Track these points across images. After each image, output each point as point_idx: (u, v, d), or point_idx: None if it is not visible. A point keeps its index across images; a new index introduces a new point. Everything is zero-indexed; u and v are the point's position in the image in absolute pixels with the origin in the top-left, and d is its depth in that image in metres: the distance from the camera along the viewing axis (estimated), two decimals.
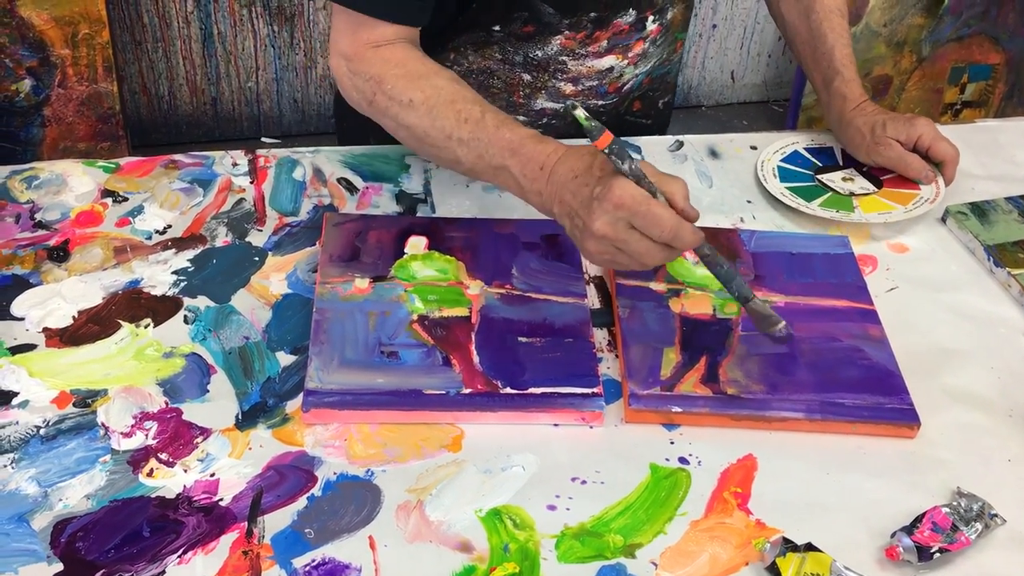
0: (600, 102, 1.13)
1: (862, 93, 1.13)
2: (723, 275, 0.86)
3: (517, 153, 0.87)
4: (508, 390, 0.85)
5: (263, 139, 2.52)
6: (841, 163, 1.15)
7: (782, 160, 1.14)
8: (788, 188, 1.10)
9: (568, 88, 1.09)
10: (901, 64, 2.56)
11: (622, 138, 1.15)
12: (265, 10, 2.39)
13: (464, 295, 0.93)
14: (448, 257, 0.96)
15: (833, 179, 1.12)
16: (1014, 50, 2.63)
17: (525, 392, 0.85)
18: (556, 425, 0.84)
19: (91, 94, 2.15)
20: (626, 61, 1.10)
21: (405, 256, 0.96)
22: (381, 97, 0.94)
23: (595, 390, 0.85)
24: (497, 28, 1.05)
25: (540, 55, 1.06)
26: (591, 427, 0.84)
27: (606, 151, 0.80)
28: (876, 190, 1.10)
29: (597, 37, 1.06)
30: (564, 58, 1.07)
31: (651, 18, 1.08)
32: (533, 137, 0.88)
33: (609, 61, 1.08)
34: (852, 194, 1.09)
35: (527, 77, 1.08)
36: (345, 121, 1.23)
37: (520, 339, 0.89)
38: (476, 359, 0.87)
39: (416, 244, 0.97)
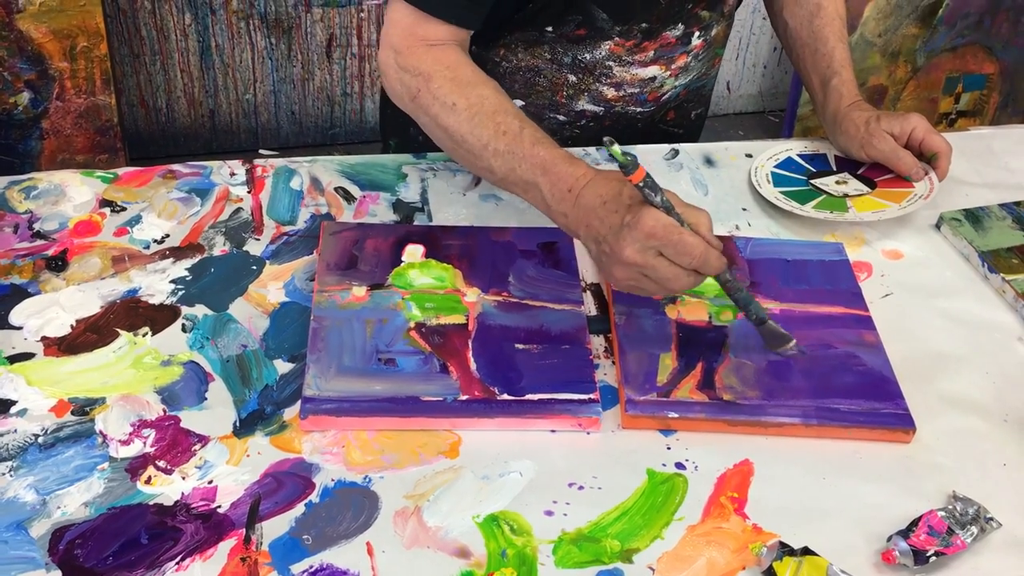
0: (639, 109, 1.15)
1: (858, 93, 1.15)
2: (741, 300, 0.88)
3: (548, 172, 0.89)
4: (505, 397, 0.85)
5: (261, 151, 2.53)
6: (834, 168, 1.15)
7: (776, 166, 1.15)
8: (782, 192, 1.10)
9: (610, 93, 1.12)
10: (896, 74, 2.58)
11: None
12: (262, 23, 2.40)
13: (461, 302, 0.93)
14: (445, 265, 0.97)
15: (827, 183, 1.13)
16: (1008, 60, 2.65)
17: (522, 399, 0.85)
18: (553, 431, 0.85)
19: (89, 107, 2.15)
20: (669, 73, 1.13)
21: (402, 264, 0.96)
22: (426, 95, 0.96)
23: (592, 396, 0.85)
24: (550, 29, 1.07)
25: (588, 58, 1.08)
26: (588, 433, 0.85)
27: (640, 184, 0.81)
28: (870, 191, 1.11)
29: (645, 47, 1.09)
30: (611, 63, 1.09)
31: (697, 34, 1.11)
32: (565, 159, 0.90)
33: (653, 71, 1.11)
34: (846, 195, 1.10)
35: (572, 78, 1.10)
36: (389, 107, 1.24)
37: (517, 346, 0.89)
38: (473, 366, 0.87)
39: (413, 252, 0.98)
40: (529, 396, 0.85)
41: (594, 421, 0.85)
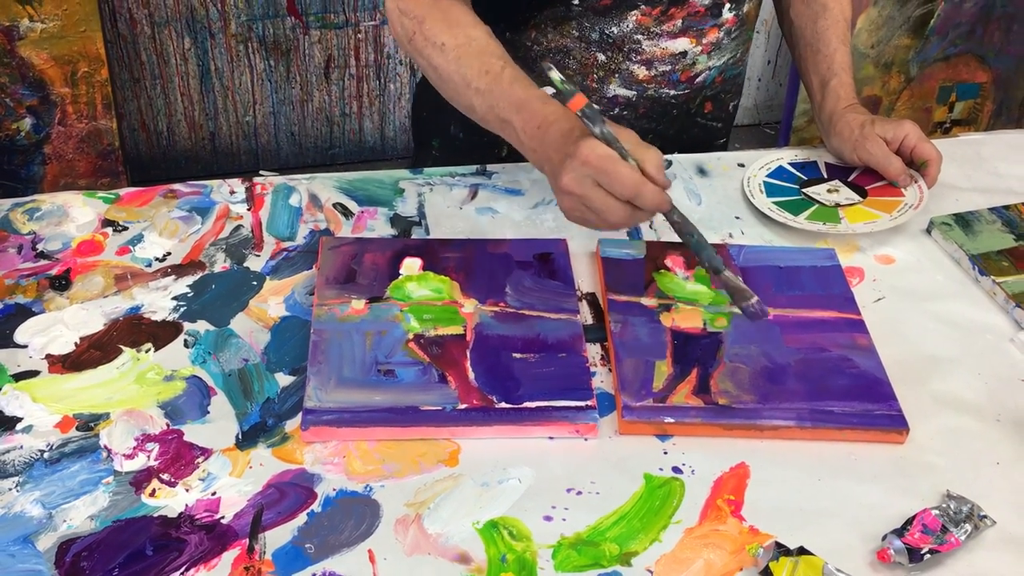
0: (672, 91, 1.16)
1: (855, 96, 1.16)
2: (694, 244, 0.90)
3: (522, 110, 0.94)
4: (503, 405, 0.86)
5: (261, 172, 2.55)
6: (825, 175, 1.17)
7: (768, 176, 1.17)
8: (775, 203, 1.12)
9: (641, 72, 1.12)
10: (890, 84, 2.60)
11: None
12: (261, 45, 2.42)
13: (459, 314, 0.95)
14: (442, 277, 0.98)
15: (818, 191, 1.14)
16: (1001, 68, 2.67)
17: (520, 407, 0.86)
18: (551, 438, 0.86)
19: (91, 131, 2.18)
20: (700, 48, 1.13)
21: (400, 277, 0.98)
22: (419, 37, 1.01)
23: (589, 403, 0.87)
24: (576, 2, 1.08)
25: (616, 32, 1.09)
26: (585, 439, 0.86)
27: (579, 114, 0.85)
28: (861, 200, 1.12)
29: (672, 15, 1.09)
30: (639, 36, 1.10)
31: (728, 6, 1.12)
32: (540, 98, 0.94)
33: (682, 44, 1.12)
34: (838, 205, 1.11)
35: (601, 57, 1.11)
36: (425, 110, 1.28)
37: (514, 355, 0.91)
38: (471, 375, 0.89)
39: (411, 265, 0.99)
40: (527, 404, 0.86)
41: (591, 427, 0.86)
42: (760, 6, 1.20)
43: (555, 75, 0.85)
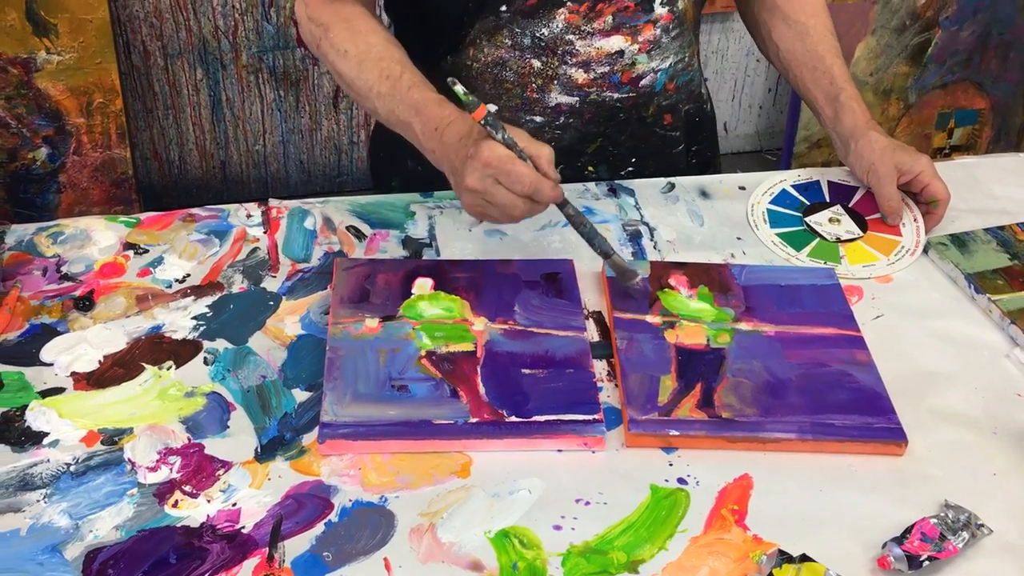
0: (615, 94, 1.17)
1: (867, 110, 1.18)
2: (586, 233, 1.00)
3: (420, 113, 1.01)
4: (513, 419, 0.89)
5: (271, 200, 2.59)
6: (828, 198, 1.20)
7: (771, 202, 1.20)
8: (778, 235, 1.14)
9: (580, 76, 1.14)
10: (889, 111, 2.64)
11: (615, 182, 1.21)
12: (271, 76, 2.47)
13: (469, 331, 0.98)
14: (453, 296, 1.01)
15: (820, 221, 1.17)
16: (999, 95, 2.71)
17: (529, 420, 0.89)
18: (560, 451, 0.88)
19: (105, 160, 2.22)
20: (637, 46, 1.14)
21: (412, 296, 1.01)
22: (325, 43, 1.08)
23: (596, 416, 0.89)
24: (504, 8, 1.10)
25: (547, 33, 1.11)
26: (593, 452, 0.88)
27: (481, 122, 0.92)
28: (861, 234, 1.15)
29: (601, 11, 1.10)
30: (571, 36, 1.11)
31: (658, 1, 1.12)
32: (436, 101, 1.01)
33: (617, 42, 1.13)
34: (839, 239, 1.14)
35: (537, 64, 1.13)
36: (382, 151, 1.32)
37: (523, 371, 0.94)
38: (482, 390, 0.91)
39: (423, 285, 1.02)
40: (536, 418, 0.89)
41: (598, 440, 0.88)
42: (699, 7, 1.20)
43: (458, 88, 0.93)
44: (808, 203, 1.20)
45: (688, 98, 1.25)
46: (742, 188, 1.22)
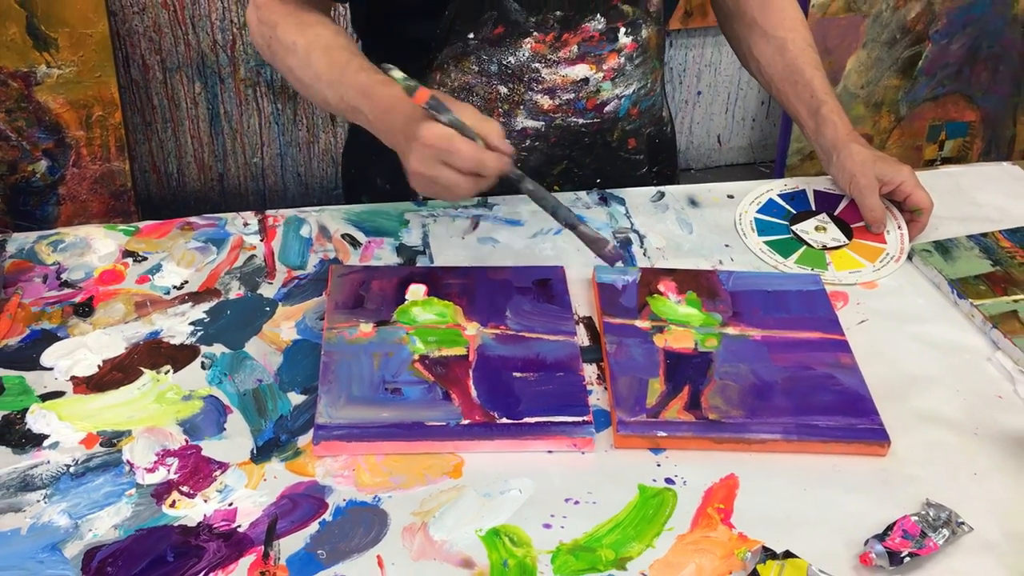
0: (581, 121, 1.19)
1: (849, 121, 1.20)
2: (549, 206, 1.00)
3: (369, 96, 1.01)
4: (504, 420, 0.91)
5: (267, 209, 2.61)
6: (814, 206, 1.22)
7: (758, 211, 1.22)
8: (766, 243, 1.17)
9: (546, 102, 1.16)
10: (880, 124, 2.67)
11: (600, 191, 1.24)
12: (269, 89, 2.50)
13: (462, 336, 1.00)
14: (446, 302, 1.03)
15: (807, 229, 1.19)
16: (989, 107, 2.74)
17: (520, 422, 0.91)
18: (550, 452, 0.90)
19: (104, 173, 2.25)
20: (601, 74, 1.16)
21: (406, 302, 1.03)
22: (275, 41, 1.09)
23: (585, 418, 0.91)
24: (472, 36, 1.13)
25: (513, 61, 1.13)
26: (582, 453, 0.90)
27: (424, 107, 0.93)
28: (847, 242, 1.17)
29: (566, 40, 1.13)
30: (536, 65, 1.14)
31: (623, 30, 1.15)
32: (383, 82, 1.01)
33: (582, 71, 1.15)
34: (824, 247, 1.16)
35: (503, 90, 1.15)
36: (353, 167, 1.34)
37: (515, 374, 0.95)
38: (474, 393, 0.93)
39: (416, 291, 1.04)
40: (527, 419, 0.91)
41: (588, 441, 0.90)
42: (662, 34, 1.21)
43: (396, 74, 0.95)
44: (795, 212, 1.22)
45: (650, 122, 1.28)
46: (730, 196, 1.24)
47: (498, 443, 0.90)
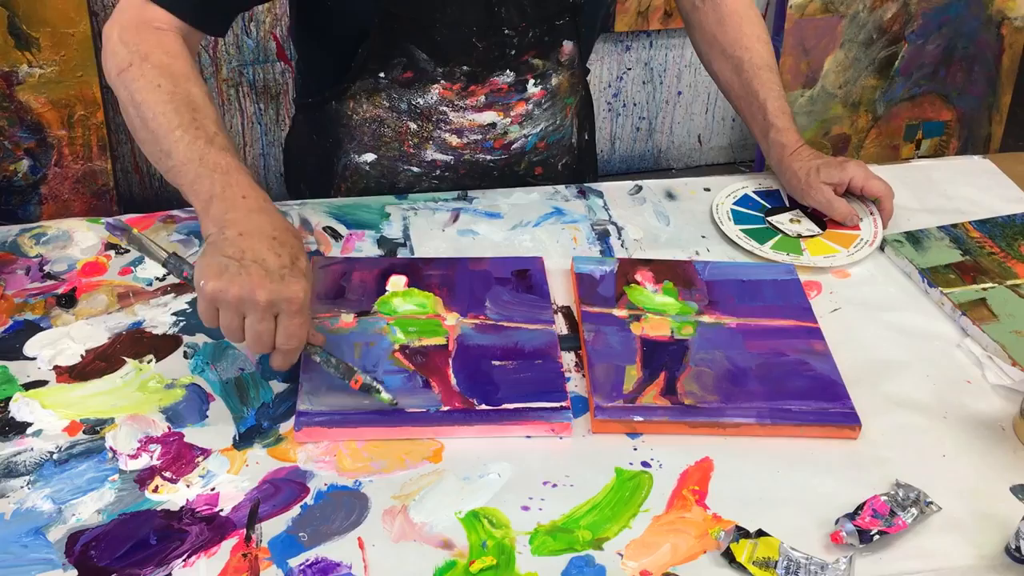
0: (488, 157, 1.22)
1: (798, 140, 1.21)
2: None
3: (230, 174, 0.92)
4: (483, 407, 0.92)
5: None
6: (788, 204, 1.24)
7: (734, 204, 1.24)
8: (742, 231, 1.19)
9: (454, 140, 1.18)
10: (858, 123, 2.70)
11: (585, 184, 1.25)
12: (251, 89, 2.51)
13: (442, 326, 1.01)
14: (426, 293, 1.05)
15: (782, 221, 1.21)
16: (964, 107, 2.78)
17: (499, 408, 0.92)
18: (529, 437, 0.92)
19: (86, 172, 2.25)
20: (509, 119, 1.18)
21: (387, 293, 1.04)
22: (135, 71, 0.97)
23: (563, 404, 0.93)
24: (382, 75, 1.15)
25: (422, 103, 1.15)
26: (561, 438, 0.92)
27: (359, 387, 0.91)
28: (821, 232, 1.19)
29: (473, 91, 1.15)
30: (444, 108, 1.16)
31: (532, 81, 1.17)
32: (247, 172, 0.94)
33: (490, 117, 1.18)
34: (800, 236, 1.18)
35: (413, 126, 1.17)
36: (295, 158, 1.36)
37: (494, 362, 0.97)
38: (453, 381, 0.95)
39: (397, 282, 1.06)
40: (505, 405, 0.92)
41: (566, 426, 0.92)
42: (577, 75, 1.22)
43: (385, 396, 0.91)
44: (769, 207, 1.24)
45: (560, 152, 1.28)
46: (707, 190, 1.26)
47: (477, 429, 0.91)
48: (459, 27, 1.10)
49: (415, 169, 1.22)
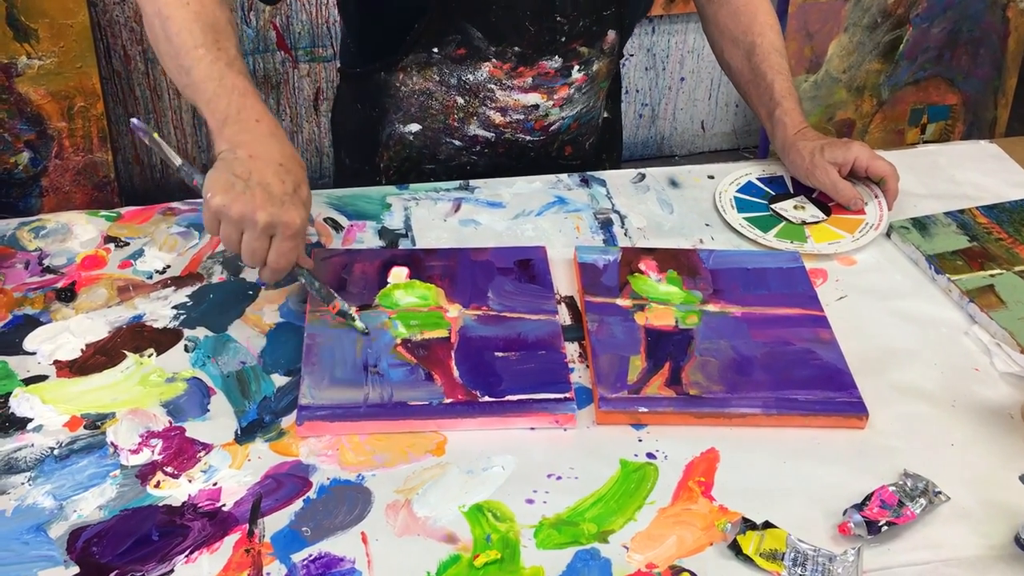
0: (528, 138, 1.24)
1: (802, 120, 1.22)
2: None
3: (247, 96, 0.96)
4: (487, 399, 0.92)
5: None
6: (792, 190, 1.23)
7: (738, 191, 1.23)
8: (746, 219, 1.18)
9: (498, 118, 1.21)
10: (862, 108, 2.68)
11: (583, 174, 1.24)
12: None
13: (444, 318, 1.00)
14: (428, 285, 1.04)
15: (785, 208, 1.20)
16: (969, 91, 2.76)
17: (502, 400, 0.91)
18: (532, 429, 0.91)
19: (87, 164, 2.24)
20: (552, 102, 1.21)
21: (388, 285, 1.03)
22: None
23: (567, 395, 0.92)
24: (436, 50, 1.17)
25: (472, 80, 1.18)
26: (565, 429, 0.91)
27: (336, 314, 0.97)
28: (825, 217, 1.18)
29: (522, 72, 1.18)
30: (492, 86, 1.19)
31: (577, 67, 1.20)
32: (261, 98, 0.98)
33: (534, 99, 1.20)
34: (804, 223, 1.17)
35: (460, 100, 1.19)
36: (346, 123, 1.35)
37: (497, 354, 0.96)
38: (456, 373, 0.94)
39: (398, 274, 1.05)
40: (509, 397, 0.92)
41: (570, 417, 0.91)
42: (614, 62, 1.26)
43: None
44: (773, 194, 1.23)
45: (589, 132, 1.31)
46: (711, 177, 1.25)
47: (480, 421, 0.90)
48: (514, 10, 1.14)
49: (456, 143, 1.24)
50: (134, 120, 0.99)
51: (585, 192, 1.21)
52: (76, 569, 0.78)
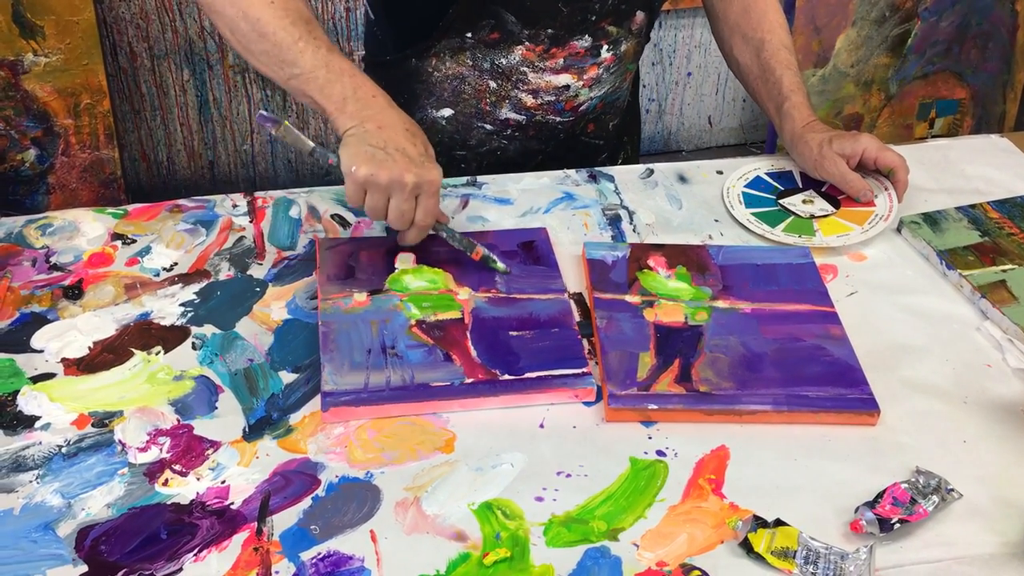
0: (558, 119, 1.25)
1: (811, 113, 1.21)
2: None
3: (355, 76, 1.03)
4: (506, 377, 0.92)
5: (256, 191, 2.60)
6: (800, 185, 1.22)
7: (746, 186, 1.22)
8: (753, 214, 1.17)
9: (529, 100, 1.21)
10: (870, 102, 2.67)
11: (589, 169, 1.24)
12: (258, 76, 2.49)
13: (455, 300, 1.00)
14: (436, 269, 1.04)
15: (794, 203, 1.19)
16: (978, 85, 2.74)
17: (522, 377, 0.92)
18: (542, 426, 0.90)
19: (93, 161, 2.24)
20: (581, 83, 1.22)
21: (396, 271, 1.03)
22: None
23: (584, 370, 0.92)
24: (469, 35, 1.17)
25: (504, 63, 1.18)
26: (574, 427, 0.90)
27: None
28: (834, 211, 1.17)
29: (554, 53, 1.18)
30: (525, 69, 1.19)
31: (605, 47, 1.20)
32: (363, 73, 1.05)
33: (565, 79, 1.21)
34: (812, 216, 1.17)
35: (493, 84, 1.20)
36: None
37: (511, 333, 0.97)
38: (474, 353, 0.94)
39: (405, 259, 1.05)
40: (528, 374, 0.92)
41: (589, 391, 0.92)
42: (641, 44, 1.27)
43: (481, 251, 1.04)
44: (782, 188, 1.22)
45: (613, 113, 1.32)
46: (719, 172, 1.25)
47: (503, 399, 0.91)
48: None
49: (488, 127, 1.24)
50: (261, 112, 1.04)
51: (593, 188, 1.21)
52: (84, 568, 0.77)
